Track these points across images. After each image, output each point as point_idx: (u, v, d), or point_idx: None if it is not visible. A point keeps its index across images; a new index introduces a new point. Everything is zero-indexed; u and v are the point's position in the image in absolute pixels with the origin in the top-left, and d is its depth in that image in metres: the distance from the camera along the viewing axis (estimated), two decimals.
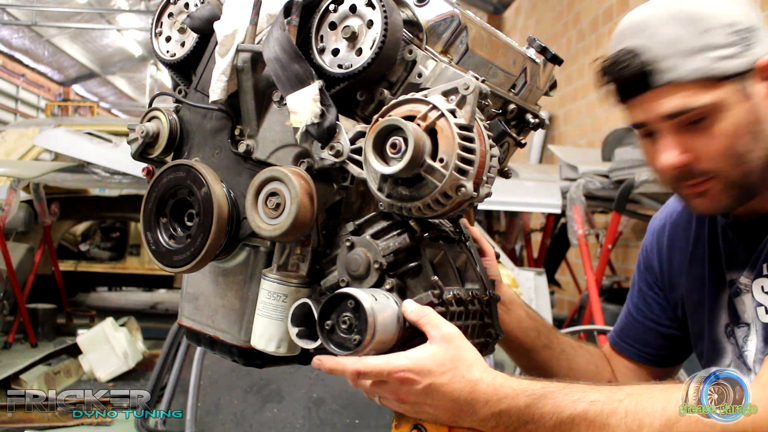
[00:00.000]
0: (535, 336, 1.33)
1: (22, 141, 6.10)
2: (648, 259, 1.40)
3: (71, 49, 17.28)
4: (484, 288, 1.09)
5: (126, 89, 21.85)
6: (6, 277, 5.32)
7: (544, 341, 1.34)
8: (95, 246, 7.48)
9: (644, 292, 1.39)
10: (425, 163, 0.90)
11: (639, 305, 1.40)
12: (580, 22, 8.91)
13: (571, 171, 5.00)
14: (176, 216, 1.11)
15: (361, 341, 0.91)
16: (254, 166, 1.08)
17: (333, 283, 1.01)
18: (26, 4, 12.55)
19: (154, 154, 1.16)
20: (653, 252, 1.39)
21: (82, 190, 6.54)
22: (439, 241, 1.06)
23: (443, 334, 0.94)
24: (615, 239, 6.02)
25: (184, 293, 1.18)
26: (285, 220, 0.97)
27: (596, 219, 5.59)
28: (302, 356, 1.09)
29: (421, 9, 1.02)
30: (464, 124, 0.92)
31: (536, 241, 7.23)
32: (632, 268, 5.91)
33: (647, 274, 1.40)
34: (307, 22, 1.04)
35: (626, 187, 4.13)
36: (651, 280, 1.39)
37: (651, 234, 1.41)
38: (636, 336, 1.40)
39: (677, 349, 1.39)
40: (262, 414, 3.11)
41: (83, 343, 4.77)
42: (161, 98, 1.23)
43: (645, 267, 1.41)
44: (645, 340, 1.39)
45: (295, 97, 0.99)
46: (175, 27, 1.18)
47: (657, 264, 1.37)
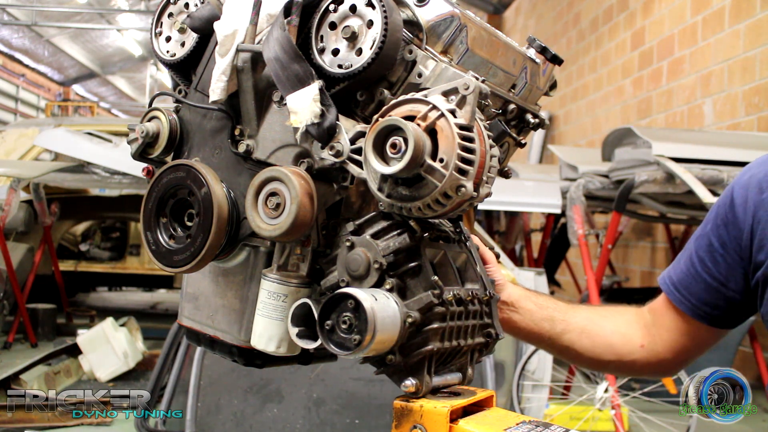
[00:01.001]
0: (550, 326, 1.30)
1: (22, 141, 6.10)
2: (733, 214, 1.26)
3: (71, 49, 17.30)
4: (484, 288, 1.09)
5: (126, 89, 21.86)
6: (6, 277, 5.32)
7: (561, 326, 1.31)
8: (95, 246, 7.49)
9: (715, 248, 1.28)
10: (425, 163, 0.90)
11: (705, 261, 1.29)
12: (580, 22, 8.91)
13: (571, 171, 5.01)
14: (176, 216, 1.11)
15: (361, 341, 0.91)
16: (254, 166, 1.07)
17: (333, 283, 1.01)
18: (26, 4, 12.55)
19: (154, 154, 1.16)
20: (743, 208, 1.25)
21: (82, 190, 6.55)
22: (439, 241, 1.06)
23: None
24: (615, 239, 6.02)
25: (184, 293, 1.18)
26: (285, 220, 0.97)
27: (596, 219, 5.60)
28: (302, 356, 1.09)
29: (421, 9, 1.02)
30: (464, 124, 0.92)
31: (536, 241, 7.23)
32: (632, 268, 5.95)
33: (725, 230, 1.27)
34: (307, 22, 1.04)
35: (626, 187, 4.13)
36: (727, 238, 1.27)
37: (742, 188, 1.27)
38: (695, 291, 1.30)
39: (736, 314, 1.30)
40: (262, 414, 3.11)
41: (83, 343, 4.78)
42: (161, 98, 1.23)
43: (724, 222, 1.27)
44: (704, 298, 1.29)
45: (295, 97, 0.99)
46: (175, 27, 1.18)
47: (744, 220, 1.23)
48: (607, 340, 1.33)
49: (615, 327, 1.36)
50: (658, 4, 6.81)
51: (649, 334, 1.36)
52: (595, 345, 1.32)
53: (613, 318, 1.37)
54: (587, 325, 1.33)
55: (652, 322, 1.37)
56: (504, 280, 1.25)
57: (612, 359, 1.35)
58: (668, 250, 6.52)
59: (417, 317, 0.95)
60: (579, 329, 1.32)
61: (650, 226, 6.92)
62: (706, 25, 5.92)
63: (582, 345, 1.31)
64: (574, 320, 1.32)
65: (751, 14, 5.30)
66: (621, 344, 1.34)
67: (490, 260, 1.24)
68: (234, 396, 3.14)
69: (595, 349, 1.31)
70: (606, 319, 1.36)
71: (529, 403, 3.66)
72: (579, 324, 1.33)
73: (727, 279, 1.27)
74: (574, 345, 1.31)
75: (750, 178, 1.27)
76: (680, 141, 4.24)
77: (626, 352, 1.35)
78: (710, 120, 5.85)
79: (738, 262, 1.25)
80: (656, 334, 1.35)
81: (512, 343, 3.67)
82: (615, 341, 1.34)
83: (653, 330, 1.36)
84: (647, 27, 7.06)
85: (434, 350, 0.97)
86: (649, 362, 1.36)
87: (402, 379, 0.98)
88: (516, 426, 1.00)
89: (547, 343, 1.32)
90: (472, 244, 1.14)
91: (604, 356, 1.35)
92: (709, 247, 1.29)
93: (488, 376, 3.18)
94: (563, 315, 1.32)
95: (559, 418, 3.72)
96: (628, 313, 1.39)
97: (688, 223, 5.65)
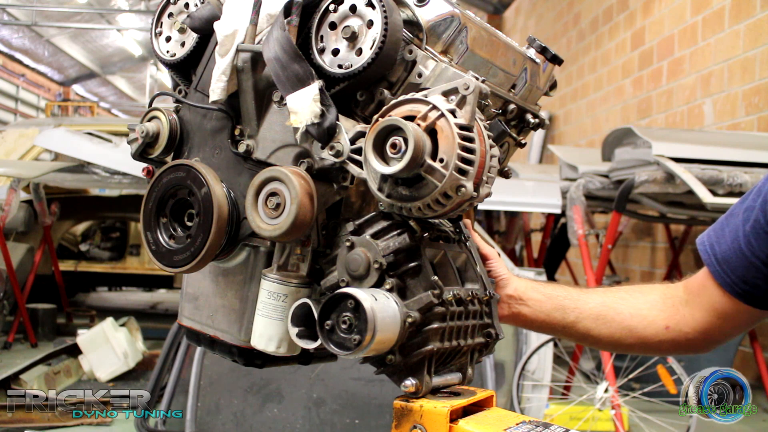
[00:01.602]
0: (561, 315, 1.26)
1: (22, 141, 6.10)
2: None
3: (71, 49, 17.30)
4: (484, 288, 1.09)
5: (126, 89, 21.86)
6: (6, 277, 5.32)
7: (574, 315, 1.26)
8: (95, 246, 7.49)
9: (761, 225, 1.19)
10: (425, 163, 0.90)
11: (750, 239, 1.20)
12: (580, 22, 8.91)
13: (571, 171, 5.01)
14: (176, 216, 1.11)
15: (361, 341, 0.91)
16: (254, 166, 1.08)
17: (333, 283, 1.01)
18: (26, 4, 12.55)
19: (154, 154, 1.16)
20: None
21: (82, 190, 6.55)
22: (439, 241, 1.06)
23: None
24: (615, 239, 6.02)
25: (184, 293, 1.18)
26: (285, 220, 0.97)
27: (596, 219, 5.60)
28: (302, 356, 1.09)
29: (421, 9, 1.02)
30: (464, 124, 0.92)
31: (536, 241, 7.23)
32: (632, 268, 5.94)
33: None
34: (307, 22, 1.04)
35: (626, 187, 4.13)
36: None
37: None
38: (737, 268, 1.22)
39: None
40: (262, 414, 3.11)
41: (83, 343, 4.78)
42: (161, 98, 1.23)
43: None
44: (745, 276, 1.21)
45: (295, 97, 0.99)
46: (175, 27, 1.19)
47: None
48: (626, 324, 1.27)
49: (634, 310, 1.29)
50: (658, 4, 6.81)
51: (678, 314, 1.29)
52: (613, 331, 1.26)
53: (633, 300, 1.30)
54: (602, 311, 1.27)
55: (686, 300, 1.29)
56: (509, 274, 1.23)
57: (635, 342, 1.29)
58: (668, 250, 6.52)
59: (417, 317, 0.95)
60: (594, 316, 1.27)
61: (650, 226, 6.92)
62: (706, 25, 5.92)
63: (599, 332, 1.26)
64: (587, 307, 1.27)
65: (751, 14, 5.30)
66: (642, 327, 1.27)
67: (492, 256, 1.22)
68: (234, 396, 3.14)
69: (614, 334, 1.26)
70: (623, 302, 1.29)
71: (529, 403, 3.66)
72: (593, 311, 1.27)
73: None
74: (591, 332, 1.26)
75: None
76: (680, 141, 4.24)
77: (650, 335, 1.28)
78: (710, 120, 5.85)
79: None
80: (687, 314, 1.28)
81: (512, 343, 3.67)
82: (635, 324, 1.27)
83: (684, 310, 1.29)
84: (647, 27, 7.06)
85: (434, 350, 0.97)
86: (677, 343, 1.29)
87: (402, 379, 0.98)
88: (516, 426, 1.00)
89: (562, 332, 1.27)
90: (472, 244, 1.14)
91: (625, 340, 1.29)
92: (755, 224, 1.20)
93: (488, 376, 3.18)
94: (575, 303, 1.27)
95: (559, 418, 3.72)
96: (654, 293, 1.31)
97: (688, 223, 5.65)
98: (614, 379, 3.79)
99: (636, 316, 1.28)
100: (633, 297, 1.29)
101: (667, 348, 1.30)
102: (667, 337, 1.28)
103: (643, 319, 1.28)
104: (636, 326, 1.27)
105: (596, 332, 1.26)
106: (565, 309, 1.26)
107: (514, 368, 3.62)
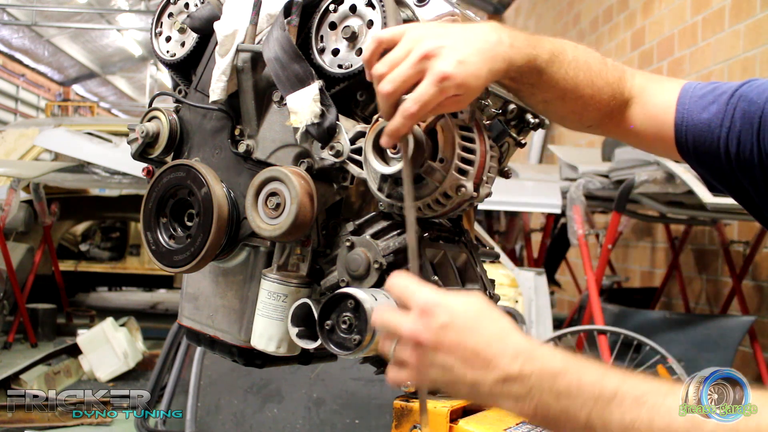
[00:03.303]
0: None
1: (22, 141, 6.10)
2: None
3: (71, 49, 17.29)
4: (484, 288, 1.09)
5: (126, 89, 21.86)
6: (6, 277, 5.32)
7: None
8: (95, 246, 7.49)
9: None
10: (425, 163, 0.90)
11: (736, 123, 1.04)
12: (580, 22, 8.91)
13: (571, 171, 5.01)
14: (176, 216, 1.11)
15: (360, 341, 0.91)
16: (254, 166, 1.08)
17: (333, 283, 1.01)
18: (26, 4, 12.54)
19: (154, 154, 1.16)
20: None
21: (82, 190, 6.55)
22: (439, 241, 1.06)
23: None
24: (615, 239, 6.02)
25: (184, 293, 1.18)
26: (285, 220, 0.98)
27: (596, 219, 5.60)
28: (302, 356, 1.09)
29: (421, 9, 1.02)
30: (464, 124, 0.92)
31: (536, 241, 7.23)
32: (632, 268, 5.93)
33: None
34: (307, 22, 1.04)
35: (626, 187, 4.13)
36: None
37: None
38: (698, 130, 1.07)
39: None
40: (262, 414, 3.11)
41: (83, 343, 4.78)
42: (161, 98, 1.23)
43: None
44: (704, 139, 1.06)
45: (295, 97, 0.99)
46: (175, 27, 1.19)
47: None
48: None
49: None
50: (658, 4, 6.81)
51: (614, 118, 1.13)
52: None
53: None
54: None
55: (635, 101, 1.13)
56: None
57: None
58: (668, 250, 6.52)
59: None
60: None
61: (650, 226, 6.92)
62: (706, 25, 5.92)
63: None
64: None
65: (751, 14, 5.30)
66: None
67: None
68: (234, 396, 3.14)
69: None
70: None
71: None
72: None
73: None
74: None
75: None
76: None
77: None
78: None
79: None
80: (631, 120, 1.13)
81: None
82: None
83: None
84: (647, 27, 7.06)
85: None
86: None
87: None
88: (516, 426, 1.00)
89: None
90: (473, 244, 1.14)
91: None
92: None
93: None
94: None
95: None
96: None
97: (688, 223, 5.65)
98: None
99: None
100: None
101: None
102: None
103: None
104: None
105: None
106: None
107: None
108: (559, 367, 0.76)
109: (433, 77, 0.84)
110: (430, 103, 0.85)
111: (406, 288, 0.81)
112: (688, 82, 1.13)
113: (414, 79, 0.85)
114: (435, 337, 0.78)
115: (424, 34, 0.87)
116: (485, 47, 0.88)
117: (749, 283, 5.47)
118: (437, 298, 0.79)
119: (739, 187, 1.08)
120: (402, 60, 0.86)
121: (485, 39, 0.89)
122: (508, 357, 0.77)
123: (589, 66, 1.06)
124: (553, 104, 1.05)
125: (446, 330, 0.78)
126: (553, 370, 0.76)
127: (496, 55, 0.89)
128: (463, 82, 0.85)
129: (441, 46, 0.85)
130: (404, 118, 0.85)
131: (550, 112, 1.10)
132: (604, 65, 1.09)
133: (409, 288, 0.81)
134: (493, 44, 0.89)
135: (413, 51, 0.85)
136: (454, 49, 0.85)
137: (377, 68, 0.87)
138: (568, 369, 0.76)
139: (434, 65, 0.84)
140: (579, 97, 1.05)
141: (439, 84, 0.84)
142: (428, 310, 0.78)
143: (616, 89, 1.10)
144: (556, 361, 0.77)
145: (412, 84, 0.85)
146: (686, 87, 1.12)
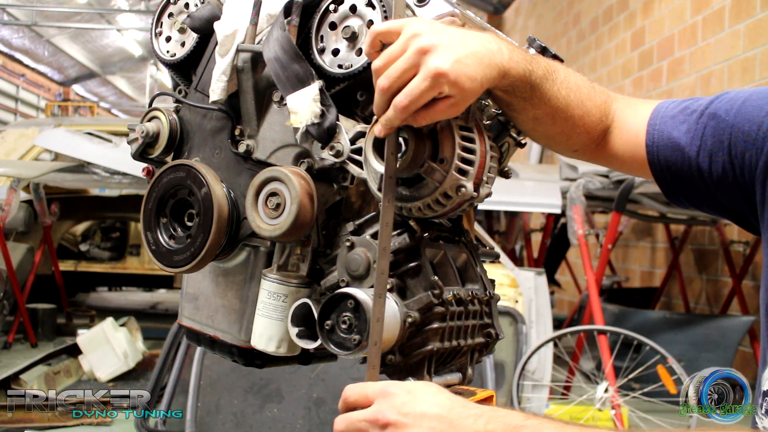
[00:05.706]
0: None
1: (22, 141, 6.11)
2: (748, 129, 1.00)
3: (71, 49, 17.30)
4: (484, 288, 1.09)
5: (126, 89, 21.87)
6: (6, 277, 5.32)
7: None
8: (95, 246, 7.49)
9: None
10: (425, 163, 0.90)
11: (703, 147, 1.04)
12: (580, 22, 8.91)
13: (571, 171, 5.01)
14: (176, 216, 1.11)
15: (360, 341, 0.91)
16: (254, 166, 1.08)
17: (333, 283, 1.01)
18: (26, 4, 12.55)
19: (154, 154, 1.16)
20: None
21: (82, 190, 6.55)
22: (439, 241, 1.06)
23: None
24: (615, 239, 6.02)
25: (184, 293, 1.18)
26: (285, 220, 0.98)
27: (596, 219, 5.60)
28: (302, 356, 1.09)
29: (421, 9, 1.02)
30: (464, 124, 0.92)
31: (536, 241, 7.23)
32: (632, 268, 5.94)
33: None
34: (307, 22, 1.04)
35: (626, 187, 4.13)
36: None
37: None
38: (669, 149, 1.08)
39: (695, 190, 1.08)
40: (262, 414, 3.11)
41: (83, 343, 4.78)
42: (161, 98, 1.23)
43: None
44: (674, 161, 1.07)
45: (295, 97, 0.99)
46: (175, 27, 1.19)
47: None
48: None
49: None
50: (658, 4, 6.81)
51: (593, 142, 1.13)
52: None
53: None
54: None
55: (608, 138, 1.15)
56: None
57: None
58: (668, 250, 6.52)
59: (417, 317, 0.95)
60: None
61: (650, 226, 6.92)
62: (706, 25, 5.92)
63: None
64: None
65: (751, 14, 5.30)
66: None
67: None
68: (234, 396, 3.14)
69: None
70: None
71: (529, 403, 3.66)
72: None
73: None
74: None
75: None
76: None
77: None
78: None
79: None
80: (610, 148, 1.14)
81: (512, 343, 3.67)
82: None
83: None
84: (647, 27, 7.06)
85: (434, 350, 0.97)
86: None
87: (402, 379, 0.98)
88: None
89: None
90: (473, 244, 1.14)
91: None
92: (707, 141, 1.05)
93: (488, 376, 3.18)
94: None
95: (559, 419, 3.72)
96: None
97: (688, 223, 5.65)
98: (614, 379, 3.79)
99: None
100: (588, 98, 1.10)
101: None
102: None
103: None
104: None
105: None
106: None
107: (514, 368, 3.62)
108: (521, 422, 0.83)
109: (427, 71, 0.85)
110: (422, 97, 0.85)
111: (360, 387, 0.89)
112: (661, 102, 1.14)
113: (410, 74, 0.86)
114: (399, 413, 0.84)
115: (423, 30, 0.87)
116: (483, 53, 0.88)
117: (749, 283, 5.47)
118: (391, 382, 0.88)
119: (717, 203, 1.09)
120: (399, 55, 0.86)
121: (485, 45, 0.89)
122: (472, 417, 0.83)
123: (579, 87, 1.07)
124: (543, 122, 1.06)
125: (409, 405, 0.84)
126: (516, 425, 0.82)
127: (493, 63, 0.89)
128: (456, 80, 0.85)
129: (439, 43, 0.86)
130: (395, 111, 0.86)
131: (538, 132, 1.10)
132: (593, 89, 1.10)
133: (362, 385, 0.89)
134: (492, 52, 0.90)
135: (410, 46, 0.86)
136: (452, 48, 0.86)
137: (375, 63, 0.88)
138: (528, 425, 0.82)
139: (429, 60, 0.85)
140: (569, 117, 1.06)
141: (432, 79, 0.85)
142: (387, 392, 0.86)
143: (603, 112, 1.11)
144: (518, 418, 0.84)
145: (408, 79, 0.86)
146: (658, 107, 1.13)
